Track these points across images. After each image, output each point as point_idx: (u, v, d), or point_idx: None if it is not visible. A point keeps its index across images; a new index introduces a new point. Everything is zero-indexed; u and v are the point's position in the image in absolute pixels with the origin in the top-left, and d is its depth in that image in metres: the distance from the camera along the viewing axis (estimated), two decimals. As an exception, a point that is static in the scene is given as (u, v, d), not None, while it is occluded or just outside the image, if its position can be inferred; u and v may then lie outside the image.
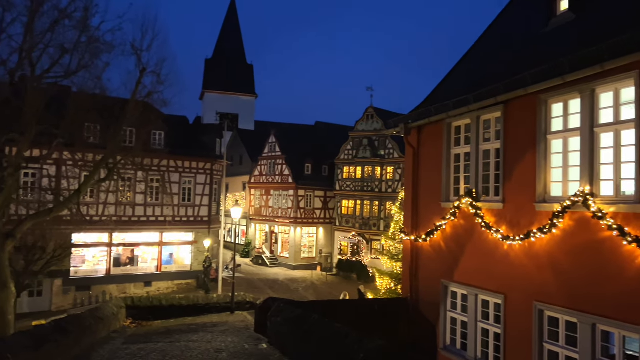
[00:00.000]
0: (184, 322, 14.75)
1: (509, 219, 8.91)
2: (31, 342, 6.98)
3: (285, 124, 54.03)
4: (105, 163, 18.30)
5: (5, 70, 16.20)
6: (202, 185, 34.34)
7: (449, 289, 10.53)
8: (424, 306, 11.25)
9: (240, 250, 45.80)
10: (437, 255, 10.89)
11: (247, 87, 60.87)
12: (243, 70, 61.15)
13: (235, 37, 62.25)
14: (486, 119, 9.83)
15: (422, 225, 11.44)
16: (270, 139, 45.35)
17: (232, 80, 59.22)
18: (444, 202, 10.68)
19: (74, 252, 29.29)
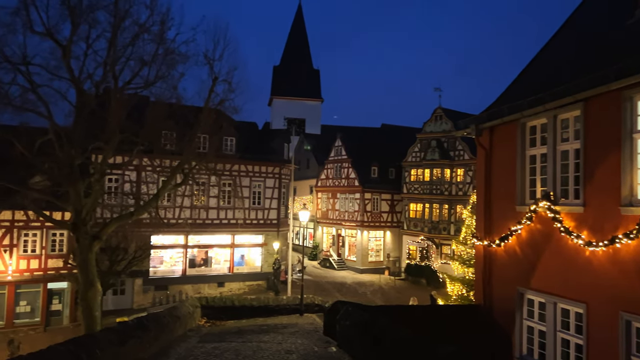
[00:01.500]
0: (255, 323, 15.12)
1: (591, 223, 8.37)
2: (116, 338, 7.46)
3: (351, 127, 54.10)
4: (181, 168, 19.18)
5: (92, 83, 17.47)
6: (271, 189, 35.16)
7: (525, 296, 10.06)
8: (498, 314, 10.83)
9: (308, 253, 46.34)
10: (512, 261, 10.45)
11: (314, 92, 61.58)
12: (309, 76, 61.95)
13: (301, 43, 63.23)
14: (564, 118, 9.32)
15: (495, 230, 11.02)
16: (336, 143, 45.57)
17: (299, 86, 60.17)
18: (519, 206, 10.23)
19: (153, 253, 30.97)
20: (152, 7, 16.76)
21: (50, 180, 18.79)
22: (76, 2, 15.82)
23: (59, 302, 27.32)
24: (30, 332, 25.77)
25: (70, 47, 16.15)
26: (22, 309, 26.35)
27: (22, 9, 15.35)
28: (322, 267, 43.84)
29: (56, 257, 26.90)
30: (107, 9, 16.33)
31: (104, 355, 6.65)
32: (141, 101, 19.08)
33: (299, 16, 64.49)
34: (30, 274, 26.23)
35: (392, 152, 44.07)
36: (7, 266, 25.56)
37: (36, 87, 16.32)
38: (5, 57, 15.50)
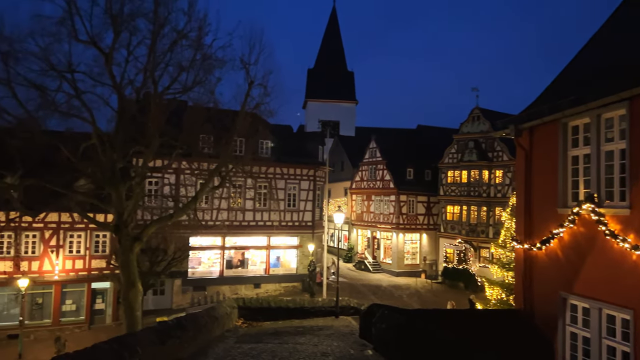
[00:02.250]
0: (291, 325, 15.21)
1: (637, 226, 8.03)
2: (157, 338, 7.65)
3: (385, 128, 53.76)
4: (218, 171, 19.52)
5: (132, 89, 18.01)
6: (305, 191, 35.32)
7: (568, 301, 9.74)
8: (539, 319, 10.52)
9: (343, 255, 46.27)
10: (553, 265, 10.14)
11: (348, 94, 61.54)
12: (344, 78, 61.95)
13: (336, 45, 63.32)
14: (608, 117, 8.98)
15: (536, 233, 10.72)
16: (370, 145, 45.37)
17: (334, 88, 60.25)
18: (561, 208, 9.92)
19: (191, 254, 31.61)
20: (190, 13, 17.15)
21: (94, 183, 19.47)
22: (118, 11, 16.36)
23: (102, 302, 28.24)
24: (76, 330, 26.74)
25: (112, 55, 16.71)
26: (67, 308, 27.37)
27: (67, 19, 15.98)
28: (357, 269, 43.69)
29: (99, 258, 27.82)
30: (147, 17, 16.80)
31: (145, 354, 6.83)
32: (180, 106, 19.54)
33: (333, 18, 64.62)
34: (75, 274, 27.23)
35: (428, 154, 43.53)
36: (54, 266, 26.62)
37: (80, 94, 16.96)
38: (51, 65, 16.16)
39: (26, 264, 25.69)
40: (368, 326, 10.94)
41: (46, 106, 16.48)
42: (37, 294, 26.51)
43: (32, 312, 26.46)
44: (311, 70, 62.82)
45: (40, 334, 25.82)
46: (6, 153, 16.81)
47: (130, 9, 16.59)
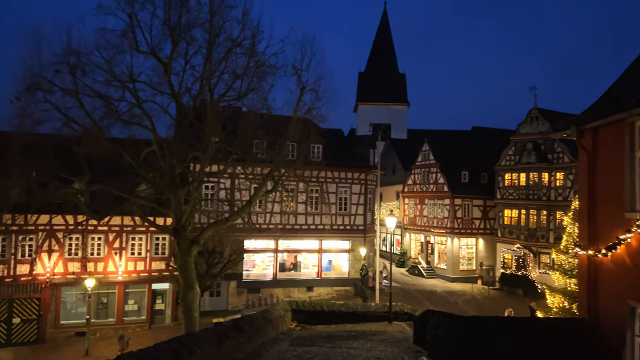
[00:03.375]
0: (344, 329, 15.19)
1: None
2: (214, 338, 7.88)
3: (439, 130, 52.76)
4: (271, 176, 19.86)
5: (190, 96, 18.70)
6: (357, 195, 35.24)
7: (637, 311, 9.18)
8: (605, 329, 9.97)
9: (396, 259, 45.74)
10: (621, 272, 9.59)
11: (400, 97, 60.90)
12: (395, 80, 61.38)
13: (387, 48, 62.90)
14: (682, 116, 8.41)
15: (600, 238, 10.18)
16: (423, 147, 44.67)
17: (385, 91, 59.83)
18: (629, 212, 9.38)
19: (246, 257, 32.26)
20: (244, 22, 17.61)
21: (154, 188, 20.30)
22: (175, 22, 17.05)
23: (161, 302, 29.33)
24: (137, 329, 27.91)
25: (170, 64, 17.43)
26: (130, 308, 28.62)
27: (129, 31, 16.83)
28: (411, 274, 43.06)
29: (159, 260, 28.93)
30: (203, 27, 17.40)
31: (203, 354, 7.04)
32: (234, 112, 20.03)
33: (384, 21, 64.25)
34: (137, 275, 28.45)
35: (484, 156, 42.32)
36: (118, 267, 27.93)
37: (141, 103, 17.79)
38: (115, 76, 17.06)
39: (92, 265, 27.10)
40: (423, 332, 10.76)
41: (110, 115, 17.39)
42: (102, 293, 27.89)
43: (98, 311, 27.85)
44: (362, 73, 62.70)
45: (105, 332, 27.15)
46: (74, 160, 17.86)
47: (187, 20, 17.25)
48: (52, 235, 26.42)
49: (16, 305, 25.94)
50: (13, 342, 25.65)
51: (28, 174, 17.73)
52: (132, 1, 16.46)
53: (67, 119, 16.99)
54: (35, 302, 26.32)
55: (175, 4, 16.90)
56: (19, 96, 16.15)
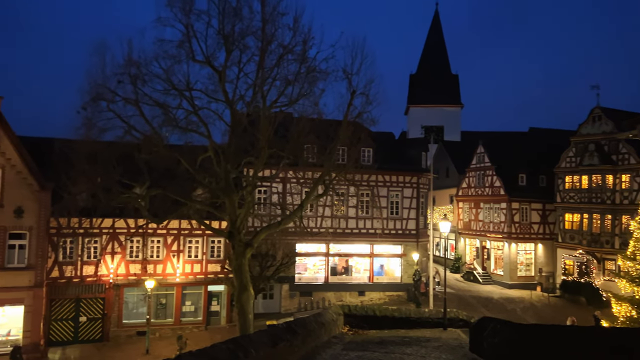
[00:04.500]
0: (397, 334, 15.01)
1: None
2: (269, 340, 7.99)
3: (494, 132, 51.27)
4: (322, 180, 19.98)
5: (243, 103, 19.18)
6: (409, 199, 34.81)
7: None
8: (680, 342, 9.31)
9: (450, 265, 44.73)
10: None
11: (453, 98, 59.65)
12: (448, 82, 60.19)
13: (439, 48, 61.83)
14: None
15: (673, 244, 9.54)
16: (478, 150, 43.52)
17: (437, 93, 58.77)
18: None
19: (298, 260, 32.60)
20: (295, 28, 17.88)
21: (210, 192, 20.94)
22: (229, 31, 17.56)
23: (217, 304, 30.11)
24: (194, 329, 28.76)
25: (225, 72, 17.95)
26: (187, 309, 29.56)
27: (186, 42, 17.51)
28: (466, 280, 41.97)
29: (215, 262, 29.73)
30: (256, 35, 17.82)
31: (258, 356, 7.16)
32: (286, 118, 20.34)
33: (436, 21, 63.23)
34: (193, 277, 29.34)
35: (542, 158, 40.69)
36: (176, 269, 28.92)
37: (197, 110, 18.43)
38: (173, 85, 17.77)
39: (152, 267, 28.19)
40: (479, 340, 10.46)
41: (168, 122, 18.15)
42: (161, 294, 28.96)
43: (157, 311, 28.94)
44: (413, 75, 61.94)
45: (163, 331, 28.16)
46: (135, 166, 18.73)
47: (240, 28, 17.74)
48: (115, 238, 27.74)
49: (83, 305, 27.39)
50: (80, 339, 27.08)
51: (93, 179, 18.75)
52: (189, 12, 17.12)
53: (128, 127, 17.86)
54: (100, 301, 27.69)
55: (229, 14, 17.42)
56: (85, 106, 17.16)
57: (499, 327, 9.73)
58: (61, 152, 19.54)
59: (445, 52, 62.24)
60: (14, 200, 24.58)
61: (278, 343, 8.23)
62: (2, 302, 24.35)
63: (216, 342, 7.51)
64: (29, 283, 24.70)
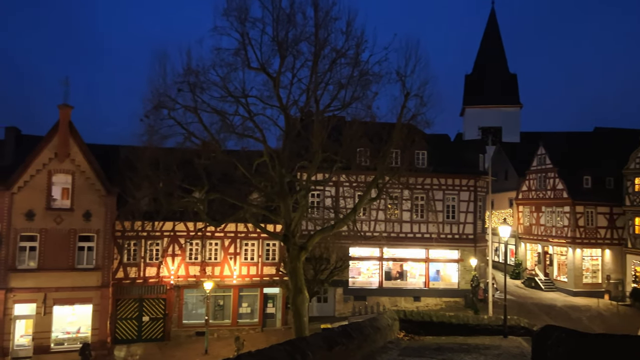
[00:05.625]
0: (454, 341, 14.67)
1: None
2: (325, 343, 8.02)
3: (556, 132, 49.09)
4: (375, 183, 19.87)
5: (297, 108, 19.41)
6: (465, 202, 33.93)
7: None
8: None
9: (510, 271, 43.15)
10: None
11: (511, 98, 57.67)
12: (505, 81, 58.28)
13: (496, 47, 60.02)
14: None
15: None
16: (539, 151, 41.78)
17: (494, 93, 57.03)
18: None
19: (351, 264, 32.51)
20: (348, 32, 17.93)
21: (265, 196, 21.32)
22: (283, 37, 17.85)
23: (272, 306, 30.56)
24: (251, 331, 29.32)
25: (279, 78, 18.26)
26: (244, 310, 30.19)
27: (241, 49, 17.97)
28: (527, 287, 40.35)
29: (270, 265, 30.21)
30: (309, 40, 18.02)
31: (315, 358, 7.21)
32: (339, 122, 20.41)
33: (492, 20, 61.44)
34: (250, 279, 29.95)
35: (609, 159, 38.50)
36: (233, 271, 29.62)
37: (253, 116, 18.85)
38: (229, 92, 18.27)
39: (210, 269, 29.01)
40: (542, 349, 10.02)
41: (226, 129, 18.69)
42: (219, 296, 29.75)
43: (215, 312, 29.73)
44: (469, 75, 60.45)
45: (221, 332, 28.89)
46: (194, 171, 19.40)
47: (293, 34, 18.00)
48: (175, 240, 28.80)
49: (145, 305, 28.59)
50: (143, 338, 28.27)
51: (156, 184, 19.60)
52: (244, 21, 17.56)
53: (188, 134, 18.54)
54: (161, 302, 28.80)
55: (283, 21, 17.72)
56: (148, 114, 17.98)
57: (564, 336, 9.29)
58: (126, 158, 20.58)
59: (503, 50, 60.35)
60: (83, 205, 26.09)
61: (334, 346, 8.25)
62: (73, 301, 25.85)
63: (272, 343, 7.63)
64: (97, 283, 26.09)
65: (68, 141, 25.89)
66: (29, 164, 25.36)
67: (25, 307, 25.23)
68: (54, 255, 25.44)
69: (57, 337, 25.70)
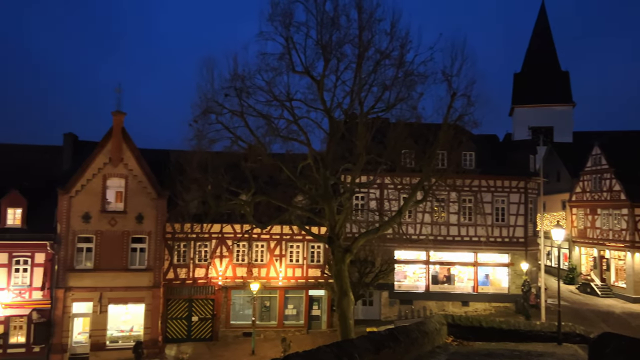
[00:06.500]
0: (505, 347, 14.23)
1: None
2: (372, 346, 7.96)
3: (612, 131, 46.75)
4: (421, 185, 19.60)
5: (341, 111, 19.46)
6: (515, 205, 32.88)
7: None
8: None
9: (563, 276, 41.46)
10: None
11: (563, 96, 55.52)
12: (557, 79, 56.16)
13: (546, 45, 57.98)
14: None
15: None
16: (593, 151, 39.96)
17: (545, 91, 55.05)
18: None
19: (397, 267, 32.14)
20: (392, 33, 17.83)
21: (310, 199, 21.47)
22: (327, 40, 17.94)
23: (318, 308, 30.64)
24: (296, 333, 29.50)
25: (323, 81, 18.36)
26: (289, 312, 30.42)
27: (286, 54, 18.21)
28: (582, 292, 38.62)
29: (315, 267, 30.32)
30: (353, 42, 18.04)
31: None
32: (383, 123, 20.27)
33: (542, 15, 59.43)
34: (295, 281, 30.16)
35: (671, 158, 36.37)
36: (278, 273, 29.94)
37: (297, 120, 19.04)
38: (274, 96, 18.55)
39: (256, 271, 29.43)
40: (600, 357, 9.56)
41: (271, 132, 18.98)
42: (265, 297, 30.11)
43: (262, 313, 30.11)
44: (518, 74, 58.68)
45: (268, 333, 29.22)
46: (241, 175, 19.79)
47: (337, 37, 18.07)
48: (223, 242, 29.42)
49: (195, 305, 29.32)
50: (192, 337, 28.99)
51: (204, 187, 20.12)
52: (289, 25, 17.79)
53: (235, 138, 18.96)
54: (210, 302, 29.46)
55: (327, 24, 17.82)
56: (197, 119, 18.49)
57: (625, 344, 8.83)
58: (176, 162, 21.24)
59: (554, 47, 58.24)
60: (136, 207, 27.10)
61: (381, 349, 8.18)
62: (126, 300, 26.86)
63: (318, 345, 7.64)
64: (149, 283, 27.01)
65: (121, 146, 26.99)
66: (86, 169, 26.60)
67: (83, 306, 26.45)
68: (108, 256, 26.54)
69: (111, 335, 26.79)
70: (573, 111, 55.72)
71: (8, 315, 25.36)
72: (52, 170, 28.42)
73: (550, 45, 58.28)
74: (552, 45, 58.30)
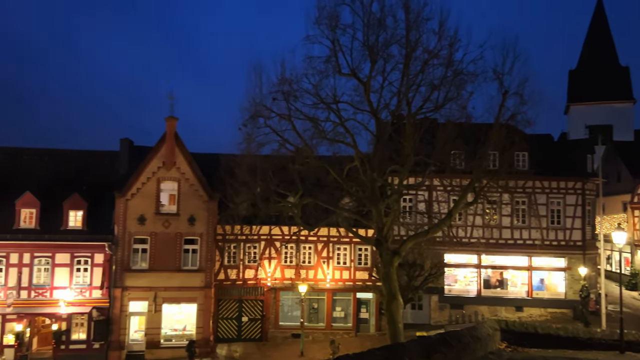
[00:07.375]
0: (563, 355, 13.67)
1: None
2: (422, 350, 7.82)
3: (681, 127, 44.05)
4: (472, 187, 19.11)
5: (388, 112, 19.30)
6: (572, 207, 31.48)
7: None
8: None
9: (625, 281, 39.26)
10: None
11: (622, 93, 52.74)
12: (616, 75, 53.41)
13: (604, 40, 55.29)
14: None
15: None
16: (658, 150, 37.75)
17: (603, 88, 52.48)
18: None
19: (447, 271, 31.44)
20: (440, 32, 17.53)
21: (357, 201, 21.40)
22: (374, 42, 17.87)
23: (366, 311, 30.45)
24: (345, 335, 29.42)
25: (369, 83, 18.28)
26: (337, 314, 30.39)
27: (332, 56, 18.27)
28: (646, 299, 36.49)
29: (362, 270, 30.15)
30: (400, 43, 17.87)
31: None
32: (431, 124, 19.93)
33: (599, 9, 56.74)
34: (342, 283, 30.10)
35: None
36: (326, 275, 29.98)
37: (344, 122, 19.04)
38: (321, 99, 18.63)
39: (304, 272, 29.61)
40: (669, 369, 9.00)
41: (318, 135, 19.09)
42: (313, 299, 30.22)
43: (310, 315, 30.23)
44: (573, 71, 56.25)
45: (316, 335, 29.30)
46: (289, 177, 19.99)
47: (384, 38, 17.97)
48: (271, 244, 29.78)
49: (244, 306, 29.84)
50: (242, 337, 29.50)
51: (253, 190, 20.47)
52: (335, 28, 17.83)
53: (283, 141, 19.20)
54: (259, 303, 29.89)
55: (374, 25, 17.74)
56: (246, 123, 18.88)
57: (697, 355, 8.28)
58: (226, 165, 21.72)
59: (612, 41, 55.46)
60: (188, 210, 27.90)
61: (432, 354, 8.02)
62: (179, 300, 27.68)
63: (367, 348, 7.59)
64: (201, 284, 27.72)
65: (174, 151, 27.88)
66: (141, 173, 27.64)
67: (139, 305, 27.46)
68: (162, 257, 27.44)
69: (165, 334, 27.66)
70: (634, 108, 52.83)
71: (70, 313, 26.65)
72: (109, 174, 29.70)
73: (609, 40, 55.55)
74: (610, 40, 55.56)
